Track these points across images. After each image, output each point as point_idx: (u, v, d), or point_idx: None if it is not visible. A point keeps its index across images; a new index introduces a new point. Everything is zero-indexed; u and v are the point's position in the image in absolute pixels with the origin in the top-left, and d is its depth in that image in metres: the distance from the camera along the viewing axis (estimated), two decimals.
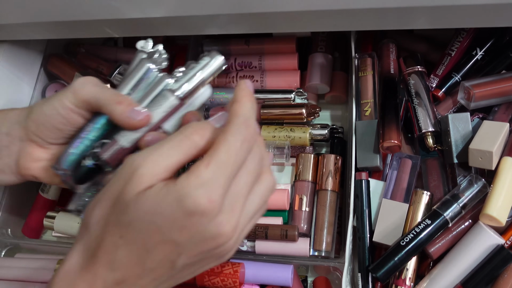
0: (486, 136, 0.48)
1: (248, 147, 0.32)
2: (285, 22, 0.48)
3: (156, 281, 0.33)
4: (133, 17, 0.49)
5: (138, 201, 0.31)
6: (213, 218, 0.30)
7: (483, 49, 0.55)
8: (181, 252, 0.31)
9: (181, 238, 0.31)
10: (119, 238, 0.31)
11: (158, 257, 0.31)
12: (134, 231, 0.31)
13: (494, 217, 0.46)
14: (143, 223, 0.31)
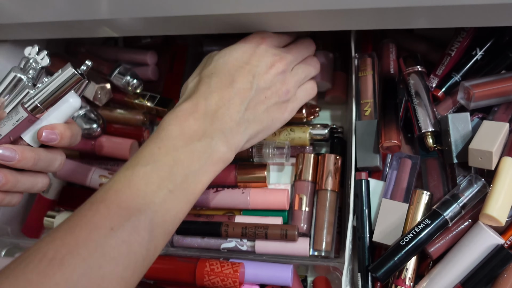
0: (486, 136, 0.48)
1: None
2: (284, 22, 0.48)
3: (243, 102, 0.46)
4: (132, 16, 0.49)
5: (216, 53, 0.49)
6: (273, 50, 0.49)
7: (483, 49, 0.55)
8: (254, 74, 0.47)
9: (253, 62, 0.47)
10: (210, 75, 0.46)
11: (239, 78, 0.46)
12: (219, 66, 0.47)
13: (494, 217, 0.46)
14: (225, 58, 0.47)
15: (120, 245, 0.37)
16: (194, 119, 0.44)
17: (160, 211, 0.39)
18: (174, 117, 0.44)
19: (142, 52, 0.68)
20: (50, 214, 0.62)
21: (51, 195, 0.64)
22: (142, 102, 0.65)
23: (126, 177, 0.40)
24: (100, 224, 0.37)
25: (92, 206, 0.38)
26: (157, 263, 0.54)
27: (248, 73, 0.46)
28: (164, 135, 0.43)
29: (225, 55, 0.48)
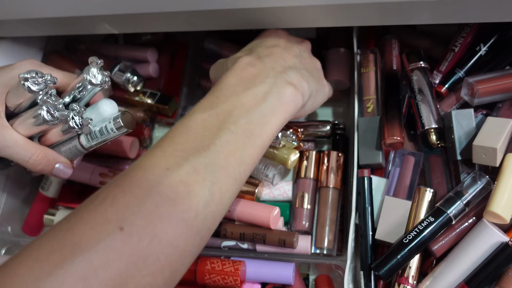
0: (490, 133, 0.48)
1: None
2: (286, 18, 0.48)
3: (296, 57, 0.47)
4: (132, 12, 0.48)
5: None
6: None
7: (487, 45, 0.54)
8: (298, 52, 0.48)
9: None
10: (257, 47, 0.47)
11: (288, 50, 0.47)
12: (263, 43, 0.47)
13: (498, 215, 0.45)
14: (266, 41, 0.48)
15: (177, 185, 0.33)
16: (253, 66, 0.43)
17: (223, 152, 0.36)
18: (230, 70, 0.42)
19: (143, 49, 0.68)
20: (50, 212, 0.62)
21: (51, 193, 0.63)
22: (142, 100, 0.64)
23: (183, 124, 0.38)
24: (155, 164, 0.34)
25: (148, 152, 0.36)
26: None
27: (291, 49, 0.48)
28: (222, 86, 0.41)
29: (266, 39, 0.49)
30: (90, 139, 0.46)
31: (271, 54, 0.45)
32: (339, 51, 0.61)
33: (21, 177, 0.66)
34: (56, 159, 0.48)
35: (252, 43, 0.49)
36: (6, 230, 0.63)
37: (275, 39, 0.49)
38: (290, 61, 0.46)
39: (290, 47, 0.48)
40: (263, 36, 0.51)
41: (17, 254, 0.32)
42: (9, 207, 0.64)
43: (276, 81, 0.42)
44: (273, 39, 0.49)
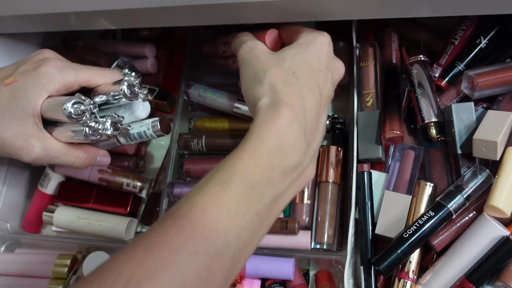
0: (491, 126, 0.47)
1: None
2: (284, 12, 0.47)
3: (326, 109, 0.44)
4: (129, 7, 0.48)
5: (285, 50, 0.44)
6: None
7: (487, 38, 0.54)
8: (331, 80, 0.44)
9: (323, 59, 0.44)
10: (293, 73, 0.41)
11: (322, 83, 0.43)
12: (299, 64, 0.42)
13: (499, 208, 0.45)
14: (300, 55, 0.43)
15: (201, 271, 0.32)
16: (293, 133, 0.39)
17: (244, 236, 0.35)
18: (274, 126, 0.38)
19: (141, 45, 0.68)
20: (49, 209, 0.62)
21: (49, 190, 0.63)
22: None
23: (217, 193, 0.35)
24: (183, 246, 0.32)
25: (175, 222, 0.34)
26: None
27: (326, 78, 0.43)
28: (262, 148, 0.38)
29: (303, 52, 0.43)
30: (129, 140, 0.50)
31: (310, 112, 0.41)
32: (338, 45, 0.60)
33: (20, 174, 0.66)
34: (96, 154, 0.51)
35: (286, 57, 0.43)
36: (6, 227, 0.63)
37: (316, 61, 0.43)
38: (322, 123, 0.43)
39: (327, 86, 0.43)
40: (305, 50, 0.44)
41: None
42: (8, 204, 0.64)
43: (304, 162, 0.40)
44: (313, 60, 0.43)
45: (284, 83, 0.40)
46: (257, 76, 0.42)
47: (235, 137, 0.58)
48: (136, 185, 0.61)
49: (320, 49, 0.44)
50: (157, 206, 0.61)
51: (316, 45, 0.44)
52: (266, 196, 0.37)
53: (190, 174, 0.59)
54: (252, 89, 0.42)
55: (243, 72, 0.45)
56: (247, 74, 0.44)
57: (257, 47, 0.45)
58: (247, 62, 0.44)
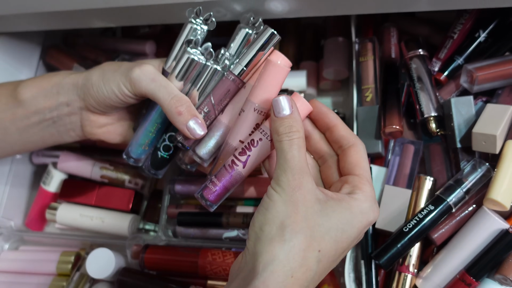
0: (490, 120, 0.47)
1: None
2: (283, 7, 0.47)
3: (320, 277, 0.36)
4: (129, 5, 0.48)
5: (327, 210, 0.35)
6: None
7: (486, 31, 0.54)
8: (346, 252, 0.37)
9: (354, 243, 0.37)
10: (317, 252, 0.34)
11: (335, 264, 0.37)
12: (330, 242, 0.34)
13: (499, 202, 0.45)
14: (338, 233, 0.35)
15: None
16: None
17: None
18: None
19: (141, 42, 0.68)
20: (52, 206, 0.62)
21: (52, 187, 0.64)
22: None
23: None
24: None
25: None
26: (160, 254, 0.54)
27: (343, 253, 0.37)
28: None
29: (344, 230, 0.35)
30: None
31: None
32: (337, 40, 0.61)
33: (23, 172, 0.66)
34: (195, 113, 0.43)
35: (327, 227, 0.35)
36: (10, 225, 0.64)
37: (342, 254, 0.37)
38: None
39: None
40: (347, 236, 0.36)
41: None
42: (12, 202, 0.64)
43: None
44: (341, 255, 0.37)
45: (301, 264, 0.33)
46: (283, 225, 0.34)
47: None
48: (138, 182, 0.62)
49: (361, 232, 0.37)
50: (159, 202, 0.61)
51: (361, 225, 0.36)
52: None
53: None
54: (268, 230, 0.34)
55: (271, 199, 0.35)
56: (274, 206, 0.35)
57: (304, 187, 0.35)
58: (283, 192, 0.35)
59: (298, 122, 0.37)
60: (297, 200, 0.34)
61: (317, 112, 0.41)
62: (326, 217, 0.34)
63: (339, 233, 0.34)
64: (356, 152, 0.39)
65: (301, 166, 0.35)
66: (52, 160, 0.65)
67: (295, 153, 0.35)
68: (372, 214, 0.37)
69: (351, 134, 0.40)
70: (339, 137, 0.40)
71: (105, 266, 0.55)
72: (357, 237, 0.36)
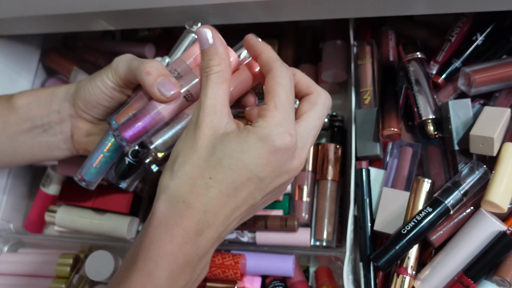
0: (487, 122, 0.48)
1: (293, 82, 0.37)
2: (284, 10, 0.48)
3: (237, 220, 0.36)
4: (128, 8, 0.48)
5: (224, 142, 0.35)
6: (293, 152, 0.35)
7: (483, 34, 0.54)
8: (262, 187, 0.35)
9: (264, 173, 0.35)
10: (208, 179, 0.34)
11: (243, 194, 0.35)
12: (223, 170, 0.34)
13: (496, 204, 0.45)
14: (231, 161, 0.34)
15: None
16: (184, 257, 0.34)
17: None
18: (164, 253, 0.34)
19: (140, 45, 0.68)
20: (51, 209, 0.62)
21: (52, 190, 0.64)
22: None
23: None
24: None
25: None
26: None
27: (255, 189, 0.36)
28: (150, 282, 0.34)
29: (243, 150, 0.34)
30: None
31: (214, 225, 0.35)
32: (336, 43, 0.61)
33: (22, 175, 0.66)
34: (166, 73, 0.41)
35: (222, 151, 0.35)
36: (9, 228, 0.64)
37: (251, 189, 0.35)
38: (226, 231, 0.37)
39: (254, 202, 0.36)
40: (249, 159, 0.34)
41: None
42: (11, 204, 0.64)
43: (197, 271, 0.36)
44: (248, 189, 0.35)
45: (190, 190, 0.34)
46: (176, 158, 0.36)
47: None
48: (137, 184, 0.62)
49: (267, 158, 0.35)
50: None
51: (262, 151, 0.34)
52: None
53: None
54: (167, 164, 0.37)
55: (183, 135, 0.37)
56: (178, 142, 0.37)
57: (206, 123, 0.35)
58: (188, 127, 0.36)
59: (218, 55, 0.37)
60: (195, 136, 0.35)
61: (248, 45, 0.39)
62: (220, 148, 0.34)
63: (233, 161, 0.34)
64: (270, 78, 0.36)
65: (211, 103, 0.36)
66: (52, 163, 0.65)
67: (208, 91, 0.36)
68: (278, 138, 0.34)
69: (272, 60, 0.37)
70: (261, 66, 0.38)
71: (104, 268, 0.55)
72: (264, 164, 0.34)
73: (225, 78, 0.37)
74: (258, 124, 0.35)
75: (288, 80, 0.36)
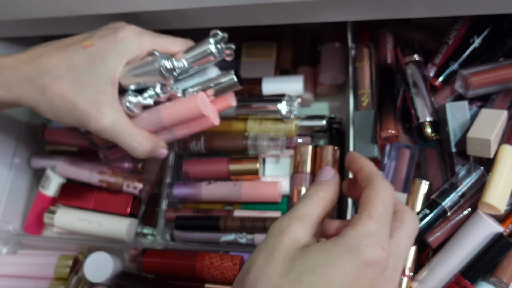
0: (484, 124, 0.48)
1: (393, 199, 0.34)
2: (283, 13, 0.48)
3: None
4: (127, 11, 0.49)
5: (305, 255, 0.30)
6: (383, 272, 0.30)
7: (480, 37, 0.54)
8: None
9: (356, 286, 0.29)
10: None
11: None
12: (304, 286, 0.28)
13: (493, 205, 0.45)
14: (313, 277, 0.28)
15: None
16: None
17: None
18: None
19: None
20: (50, 210, 0.62)
21: (51, 191, 0.64)
22: None
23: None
24: None
25: None
26: (158, 258, 0.54)
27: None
28: None
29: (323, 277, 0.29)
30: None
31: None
32: (334, 45, 0.61)
33: (21, 176, 0.67)
34: (158, 145, 0.48)
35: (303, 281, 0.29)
36: (8, 229, 0.64)
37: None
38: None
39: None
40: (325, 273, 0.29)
41: None
42: (10, 206, 0.65)
43: None
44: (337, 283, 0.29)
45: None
46: (248, 271, 0.31)
47: (233, 138, 0.59)
48: (136, 186, 0.62)
49: (356, 273, 0.29)
50: (157, 206, 0.62)
51: (350, 266, 0.29)
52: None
53: (189, 175, 0.60)
54: (236, 281, 0.32)
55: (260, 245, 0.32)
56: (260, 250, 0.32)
57: (287, 232, 0.32)
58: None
59: (328, 186, 0.35)
60: (274, 245, 0.31)
61: (349, 160, 0.37)
62: (300, 262, 0.29)
63: (315, 277, 0.28)
64: (369, 190, 0.33)
65: (302, 214, 0.32)
66: (51, 164, 0.65)
67: (303, 205, 0.33)
68: (369, 251, 0.29)
69: (374, 173, 0.34)
70: (361, 179, 0.35)
71: (103, 270, 0.55)
72: (351, 282, 0.29)
73: (323, 203, 0.34)
74: (346, 233, 0.30)
75: (389, 194, 0.33)
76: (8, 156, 0.65)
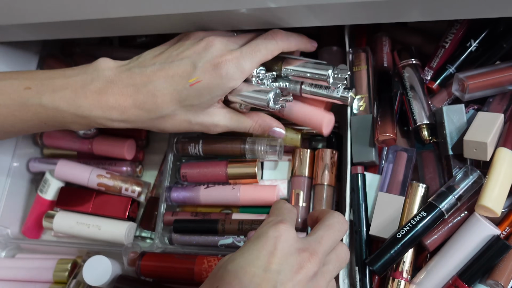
0: (481, 127, 0.48)
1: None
2: (278, 18, 0.48)
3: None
4: (125, 15, 0.49)
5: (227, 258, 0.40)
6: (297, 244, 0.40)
7: (477, 40, 0.55)
8: (276, 284, 0.36)
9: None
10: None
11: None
12: (230, 276, 0.37)
13: (490, 208, 0.46)
14: (236, 263, 0.38)
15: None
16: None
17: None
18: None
19: (138, 51, 0.68)
20: (49, 214, 0.62)
21: (49, 195, 0.64)
22: None
23: None
24: None
25: None
26: (156, 261, 0.54)
27: (267, 283, 0.36)
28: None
29: (236, 259, 0.38)
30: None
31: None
32: (332, 49, 0.61)
33: (20, 180, 0.67)
34: (271, 125, 0.54)
35: (222, 274, 0.38)
36: (6, 233, 0.64)
37: (252, 266, 0.37)
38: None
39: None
40: (240, 256, 0.39)
41: None
42: (9, 210, 0.65)
43: None
44: (248, 265, 0.38)
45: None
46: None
47: (232, 141, 0.59)
48: (134, 189, 0.62)
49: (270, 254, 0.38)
50: (156, 210, 0.62)
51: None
52: None
53: (187, 179, 0.60)
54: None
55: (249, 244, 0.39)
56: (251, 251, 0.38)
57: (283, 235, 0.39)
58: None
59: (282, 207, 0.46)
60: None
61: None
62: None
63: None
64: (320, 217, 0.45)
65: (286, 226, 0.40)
66: (49, 168, 0.65)
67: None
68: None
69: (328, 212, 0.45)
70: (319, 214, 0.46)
71: (101, 273, 0.55)
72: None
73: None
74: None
75: (337, 224, 0.44)
76: (7, 160, 0.65)
